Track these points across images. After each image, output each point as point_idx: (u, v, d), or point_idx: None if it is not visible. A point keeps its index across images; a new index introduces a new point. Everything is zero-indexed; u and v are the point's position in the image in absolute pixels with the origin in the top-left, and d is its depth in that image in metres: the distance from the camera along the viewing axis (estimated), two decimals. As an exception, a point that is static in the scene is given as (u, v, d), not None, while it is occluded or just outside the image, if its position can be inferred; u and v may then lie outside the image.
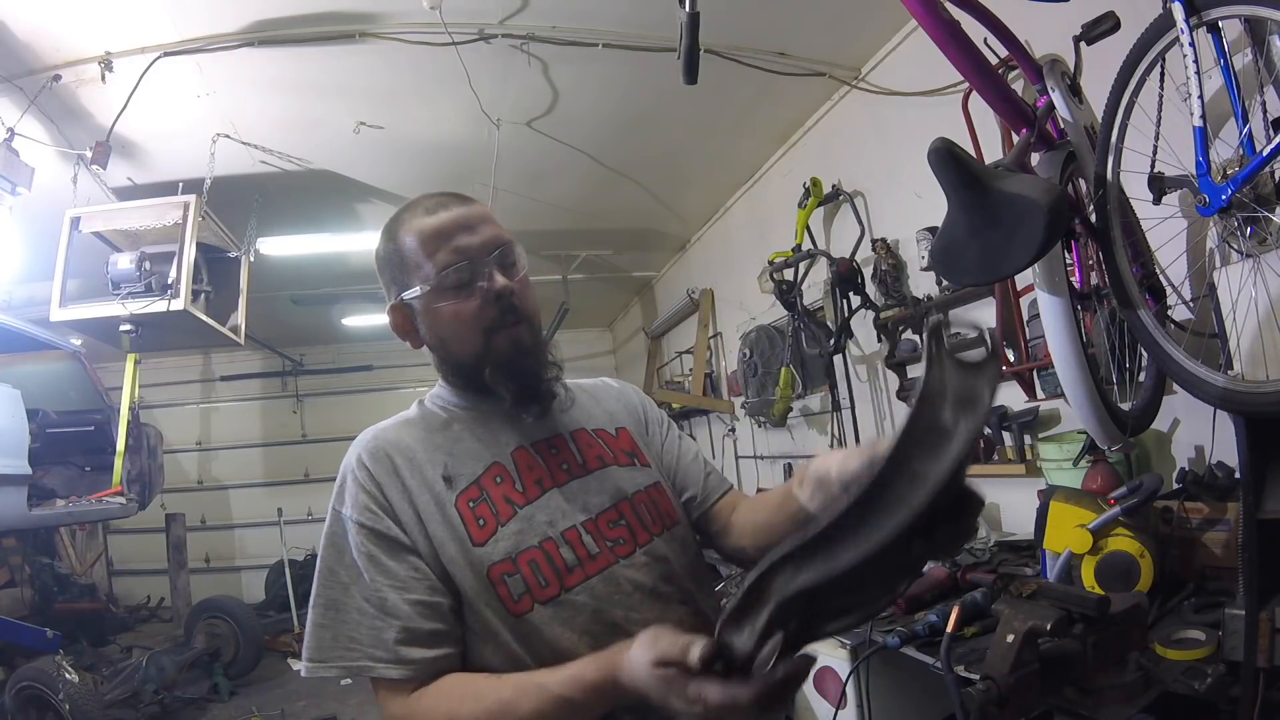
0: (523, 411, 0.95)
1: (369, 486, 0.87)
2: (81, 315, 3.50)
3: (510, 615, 0.84)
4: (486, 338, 0.91)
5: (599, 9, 2.84)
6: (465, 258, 0.90)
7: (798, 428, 4.23)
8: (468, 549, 0.86)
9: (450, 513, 0.87)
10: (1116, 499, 1.60)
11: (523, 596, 0.84)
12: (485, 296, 0.90)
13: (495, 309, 0.91)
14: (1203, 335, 1.52)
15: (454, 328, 0.92)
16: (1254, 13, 1.24)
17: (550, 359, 0.98)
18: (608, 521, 0.92)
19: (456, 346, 0.94)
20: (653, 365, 6.76)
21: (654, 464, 1.04)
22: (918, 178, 2.64)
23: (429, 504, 0.87)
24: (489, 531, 0.87)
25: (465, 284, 0.90)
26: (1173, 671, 1.30)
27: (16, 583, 5.07)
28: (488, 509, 0.88)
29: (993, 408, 0.61)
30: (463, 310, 0.91)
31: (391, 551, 0.85)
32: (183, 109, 3.18)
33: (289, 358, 7.95)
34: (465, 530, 0.86)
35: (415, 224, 0.93)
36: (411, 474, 0.89)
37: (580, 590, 0.86)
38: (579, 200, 4.68)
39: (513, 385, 0.93)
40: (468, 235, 0.91)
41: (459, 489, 0.89)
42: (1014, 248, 1.26)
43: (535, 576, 0.85)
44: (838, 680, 2.08)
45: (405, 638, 0.81)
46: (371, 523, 0.85)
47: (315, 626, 0.85)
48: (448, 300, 0.91)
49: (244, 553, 7.66)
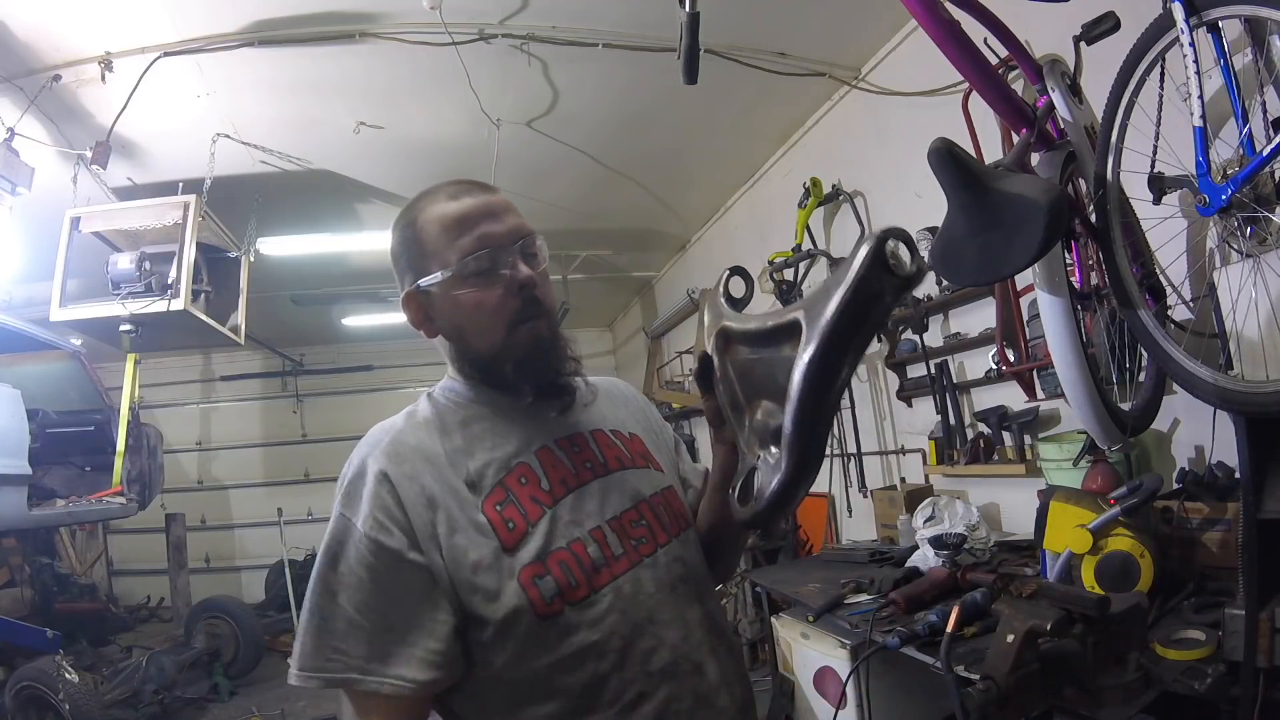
0: (545, 408, 0.94)
1: (385, 497, 0.83)
2: (81, 315, 3.50)
3: (538, 618, 0.82)
4: (508, 331, 0.89)
5: (599, 9, 2.84)
6: (490, 245, 0.88)
7: (798, 428, 4.22)
8: (498, 554, 0.83)
9: (479, 519, 0.84)
10: (1116, 499, 1.61)
11: (554, 599, 0.83)
12: (509, 287, 0.88)
13: (518, 300, 0.88)
14: (1203, 335, 1.52)
15: (475, 317, 0.89)
16: (1254, 13, 1.25)
17: (570, 354, 0.96)
18: (630, 521, 0.91)
19: (475, 338, 0.91)
20: (653, 365, 6.75)
21: (667, 470, 1.04)
22: (918, 178, 2.63)
23: (454, 511, 0.84)
24: (519, 534, 0.84)
25: (488, 272, 0.88)
26: (1173, 671, 1.30)
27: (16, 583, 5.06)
28: (515, 511, 0.86)
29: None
30: (485, 299, 0.88)
31: (396, 567, 0.81)
32: (183, 109, 3.18)
33: (289, 358, 7.96)
34: (496, 535, 0.84)
35: (437, 209, 0.90)
36: (435, 480, 0.85)
37: (608, 590, 0.85)
38: (579, 200, 4.68)
39: (535, 381, 0.91)
40: (493, 222, 0.89)
41: (485, 493, 0.86)
42: (1014, 248, 1.26)
43: (566, 577, 0.84)
44: (838, 680, 2.08)
45: (397, 655, 0.79)
46: (381, 536, 0.81)
47: (303, 633, 0.82)
48: (469, 288, 0.88)
49: (244, 553, 7.67)
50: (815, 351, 0.73)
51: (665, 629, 0.86)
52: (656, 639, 0.85)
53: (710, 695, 0.88)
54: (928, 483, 3.06)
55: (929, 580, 2.00)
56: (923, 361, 2.95)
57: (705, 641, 0.90)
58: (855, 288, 0.73)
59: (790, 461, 0.75)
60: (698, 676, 0.87)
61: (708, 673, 0.88)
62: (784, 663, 2.47)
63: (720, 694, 0.89)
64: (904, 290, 0.75)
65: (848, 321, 0.73)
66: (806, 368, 0.74)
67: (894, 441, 3.46)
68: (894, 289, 0.74)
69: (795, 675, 2.38)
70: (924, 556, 2.23)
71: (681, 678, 0.86)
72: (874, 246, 0.73)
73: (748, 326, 0.88)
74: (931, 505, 2.37)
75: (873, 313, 0.75)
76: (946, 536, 2.18)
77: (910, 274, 0.74)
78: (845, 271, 0.74)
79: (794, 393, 0.74)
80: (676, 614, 0.89)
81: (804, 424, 0.74)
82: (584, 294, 6.48)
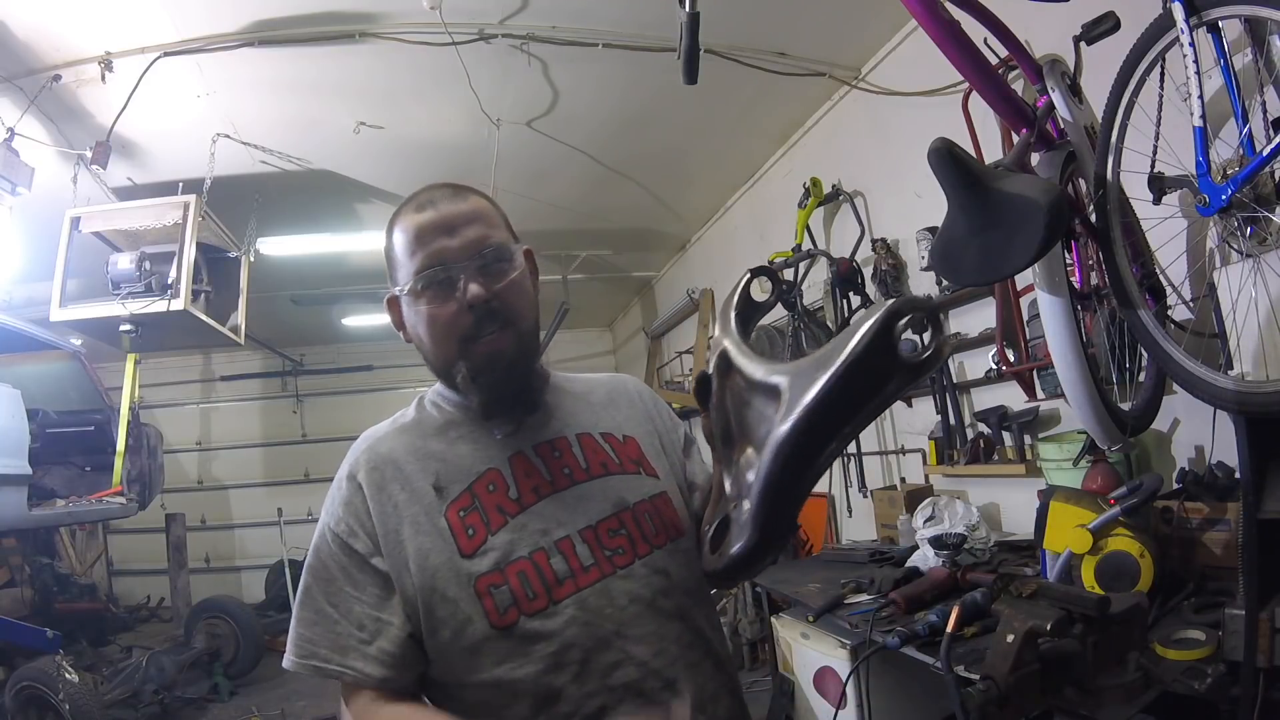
0: (491, 425, 0.93)
1: (356, 504, 0.89)
2: (81, 315, 3.50)
3: (493, 628, 0.83)
4: (462, 346, 0.89)
5: (599, 9, 2.84)
6: (440, 262, 0.87)
7: (798, 428, 4.22)
8: (455, 560, 0.84)
9: (440, 523, 0.86)
10: (1116, 499, 1.60)
11: (509, 609, 0.83)
12: (460, 304, 0.87)
13: (470, 318, 0.87)
14: (1203, 335, 1.52)
15: (430, 332, 0.90)
16: (1254, 13, 1.25)
17: (538, 367, 0.95)
18: (607, 530, 0.89)
19: (431, 351, 0.92)
20: (653, 365, 6.76)
21: (664, 475, 1.00)
22: (918, 178, 2.64)
23: (417, 515, 0.87)
24: (478, 541, 0.85)
25: (441, 286, 0.87)
26: (1173, 671, 1.30)
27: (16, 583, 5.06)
28: (478, 518, 0.86)
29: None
30: (438, 315, 0.88)
31: (361, 567, 0.87)
32: (183, 109, 3.18)
33: (289, 358, 7.95)
34: (454, 540, 0.85)
35: (404, 220, 0.91)
36: (401, 487, 0.89)
37: (570, 602, 0.84)
38: (579, 200, 4.68)
39: (481, 397, 0.91)
40: (446, 238, 0.88)
41: (450, 498, 0.88)
42: (1014, 248, 1.26)
43: (524, 588, 0.83)
44: (838, 680, 2.08)
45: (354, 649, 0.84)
46: (350, 539, 0.87)
47: (295, 622, 0.88)
48: (423, 304, 0.89)
49: (244, 553, 7.67)
50: (789, 432, 0.65)
51: (635, 644, 0.84)
52: (622, 653, 0.84)
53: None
54: (928, 483, 3.06)
55: (929, 580, 2.00)
56: (923, 361, 2.95)
57: (683, 658, 0.87)
58: (847, 372, 0.62)
59: (752, 533, 0.69)
60: (669, 694, 0.85)
61: (683, 691, 0.85)
62: (784, 663, 2.47)
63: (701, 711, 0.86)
64: (916, 375, 0.64)
65: (832, 407, 0.64)
66: (777, 447, 0.66)
67: (894, 441, 3.46)
68: (904, 373, 0.63)
69: (795, 675, 2.38)
70: (924, 556, 2.23)
71: (650, 694, 0.83)
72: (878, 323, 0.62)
73: (742, 364, 0.81)
74: (931, 505, 2.37)
75: (868, 403, 0.65)
76: (946, 536, 2.18)
77: (924, 359, 0.62)
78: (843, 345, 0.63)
79: (763, 467, 0.67)
80: (652, 629, 0.86)
81: (770, 502, 0.68)
82: (584, 294, 6.48)
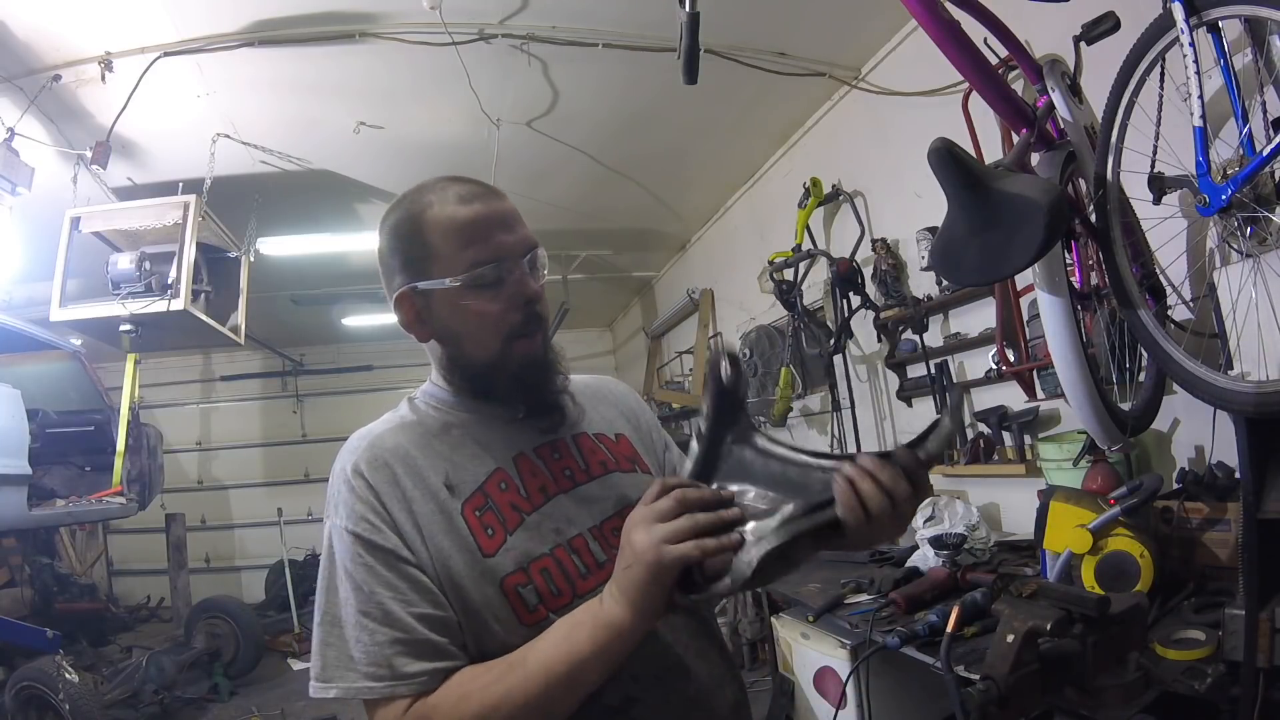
0: (536, 424, 0.93)
1: (366, 496, 0.83)
2: (81, 315, 3.50)
3: (521, 625, 0.82)
4: (505, 344, 0.88)
5: (599, 9, 2.84)
6: (503, 256, 0.87)
7: (798, 428, 4.23)
8: (478, 560, 0.83)
9: (457, 522, 0.84)
10: (1116, 499, 1.61)
11: (537, 606, 0.83)
12: (513, 300, 0.87)
13: (521, 315, 0.88)
14: (1203, 335, 1.52)
15: (475, 327, 0.88)
16: (1254, 13, 1.25)
17: (560, 370, 0.95)
18: (613, 529, 0.89)
19: (471, 347, 0.90)
20: (653, 365, 6.76)
21: (655, 471, 1.03)
22: (918, 178, 2.64)
23: (433, 513, 0.84)
24: (498, 541, 0.84)
25: (495, 284, 0.87)
26: (1173, 671, 1.30)
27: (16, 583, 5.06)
28: (494, 517, 0.85)
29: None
30: (489, 310, 0.87)
31: (390, 563, 0.81)
32: (183, 109, 3.18)
33: (289, 358, 7.95)
34: (474, 540, 0.84)
35: (446, 211, 0.88)
36: (413, 482, 0.85)
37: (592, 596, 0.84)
38: (579, 200, 4.68)
39: (527, 397, 0.92)
40: (505, 233, 0.88)
41: (463, 496, 0.86)
42: (1014, 248, 1.26)
43: (548, 585, 0.83)
44: (838, 680, 2.08)
45: (407, 650, 0.78)
46: (369, 534, 0.81)
47: (319, 644, 0.82)
48: (474, 298, 0.87)
49: (244, 553, 7.67)
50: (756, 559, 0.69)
51: (652, 636, 0.85)
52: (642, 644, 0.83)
53: (701, 698, 0.88)
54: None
55: (929, 580, 2.00)
56: (923, 361, 2.95)
57: (692, 645, 0.90)
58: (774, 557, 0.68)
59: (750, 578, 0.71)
60: (685, 680, 0.87)
61: (697, 675, 0.88)
62: (784, 663, 2.47)
63: (713, 696, 0.89)
64: (834, 535, 0.71)
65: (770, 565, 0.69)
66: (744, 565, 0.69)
67: (894, 441, 3.46)
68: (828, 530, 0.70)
69: (795, 675, 2.38)
70: (924, 556, 2.23)
71: (670, 681, 0.86)
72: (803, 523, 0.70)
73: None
74: (931, 505, 2.37)
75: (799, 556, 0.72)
76: (946, 536, 2.18)
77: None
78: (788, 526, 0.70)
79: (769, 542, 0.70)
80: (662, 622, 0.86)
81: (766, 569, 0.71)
82: (584, 294, 6.48)
